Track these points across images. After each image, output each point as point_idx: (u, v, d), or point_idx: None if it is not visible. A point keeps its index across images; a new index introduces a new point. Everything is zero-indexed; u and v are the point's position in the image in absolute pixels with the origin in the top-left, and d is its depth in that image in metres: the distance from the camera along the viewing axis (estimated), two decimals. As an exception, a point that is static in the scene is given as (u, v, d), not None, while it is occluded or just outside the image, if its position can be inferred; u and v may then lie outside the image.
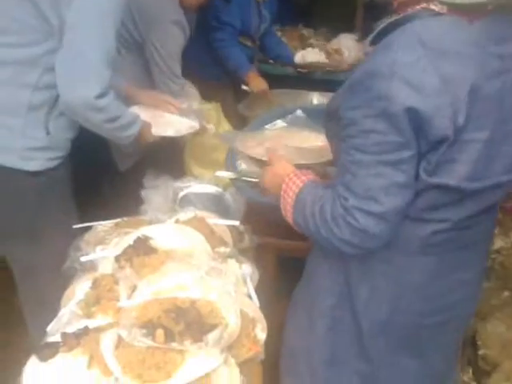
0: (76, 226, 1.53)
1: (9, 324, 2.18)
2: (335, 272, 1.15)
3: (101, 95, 1.39)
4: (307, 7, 3.97)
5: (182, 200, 1.74)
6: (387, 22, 0.97)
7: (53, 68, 1.38)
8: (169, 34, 2.04)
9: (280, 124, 1.87)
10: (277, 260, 1.77)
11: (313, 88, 2.65)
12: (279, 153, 1.36)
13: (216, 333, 1.05)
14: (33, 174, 1.50)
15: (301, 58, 2.94)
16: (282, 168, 1.20)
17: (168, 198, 1.72)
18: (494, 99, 0.92)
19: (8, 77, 1.41)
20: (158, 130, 1.84)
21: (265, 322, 1.22)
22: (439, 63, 0.88)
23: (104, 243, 1.40)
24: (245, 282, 1.34)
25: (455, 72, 0.88)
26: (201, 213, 1.54)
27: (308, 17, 3.73)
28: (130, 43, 2.08)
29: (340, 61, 2.18)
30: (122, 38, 1.98)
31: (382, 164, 0.91)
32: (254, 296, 1.30)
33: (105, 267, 1.32)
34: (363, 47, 1.04)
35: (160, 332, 1.03)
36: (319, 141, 1.64)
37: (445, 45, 0.90)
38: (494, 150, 0.95)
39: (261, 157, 1.53)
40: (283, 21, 3.24)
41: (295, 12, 3.64)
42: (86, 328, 1.13)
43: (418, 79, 0.87)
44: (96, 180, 2.06)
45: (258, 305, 1.27)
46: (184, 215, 1.51)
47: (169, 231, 1.39)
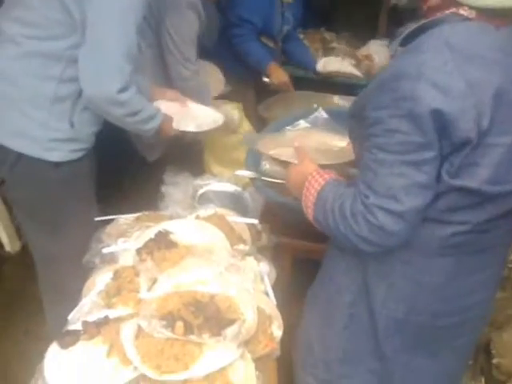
0: (98, 219, 1.55)
1: (28, 313, 2.21)
2: (353, 270, 1.16)
3: (122, 90, 1.41)
4: (329, 12, 3.98)
5: (201, 197, 1.76)
6: (416, 26, 0.98)
7: (76, 61, 1.40)
8: (183, 18, 2.01)
9: (302, 125, 1.87)
10: (293, 260, 1.77)
11: (334, 91, 2.66)
12: (306, 151, 1.37)
13: (234, 328, 1.07)
14: (56, 165, 1.53)
15: (322, 67, 2.94)
16: (306, 166, 1.22)
17: (187, 195, 1.74)
18: None
19: (34, 69, 1.44)
20: (180, 125, 1.84)
21: (281, 320, 1.23)
22: (466, 67, 0.89)
23: (125, 236, 1.42)
24: (262, 280, 1.35)
25: (481, 76, 0.90)
26: (221, 210, 1.55)
27: (330, 21, 3.73)
28: (149, 35, 2.06)
29: (370, 66, 2.19)
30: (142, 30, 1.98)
31: (405, 164, 0.92)
32: (271, 294, 1.32)
33: (125, 259, 1.34)
34: (391, 49, 1.05)
35: (180, 324, 1.05)
36: (341, 142, 1.64)
37: (472, 49, 0.91)
38: None
39: (284, 158, 1.53)
40: (306, 25, 3.24)
41: (317, 16, 3.65)
42: (107, 318, 1.15)
43: (445, 82, 0.88)
44: (119, 174, 2.09)
45: (275, 303, 1.29)
46: (204, 212, 1.53)
47: (189, 227, 1.41)
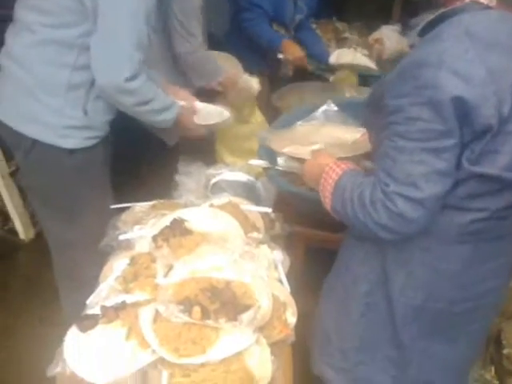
0: (113, 206, 1.57)
1: (43, 300, 2.26)
2: (372, 259, 1.17)
3: (131, 78, 1.41)
4: (342, 2, 3.96)
5: (214, 186, 1.77)
6: (435, 15, 0.98)
7: (88, 49, 1.41)
8: None
9: (313, 119, 1.87)
10: (306, 249, 1.79)
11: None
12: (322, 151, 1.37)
13: (250, 313, 1.09)
14: (70, 152, 1.55)
15: (336, 59, 2.94)
16: (323, 158, 1.23)
17: (200, 184, 1.75)
18: None
19: (49, 56, 1.45)
20: (200, 119, 1.84)
21: (295, 307, 1.25)
22: (486, 55, 0.90)
23: (141, 223, 1.44)
24: (276, 268, 1.36)
25: (501, 64, 0.90)
26: (234, 199, 1.57)
27: (342, 11, 3.72)
28: (157, 22, 2.05)
29: (381, 51, 2.20)
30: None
31: (425, 151, 0.93)
32: (285, 281, 1.33)
33: (141, 246, 1.36)
34: (409, 40, 1.06)
35: (197, 309, 1.07)
36: (354, 134, 1.65)
37: (492, 37, 0.92)
38: None
39: (300, 156, 1.53)
40: (318, 15, 3.23)
41: (330, 6, 3.63)
42: (124, 302, 1.18)
43: (466, 70, 0.89)
44: (135, 162, 2.11)
45: (289, 290, 1.31)
46: (218, 200, 1.54)
47: (204, 215, 1.43)
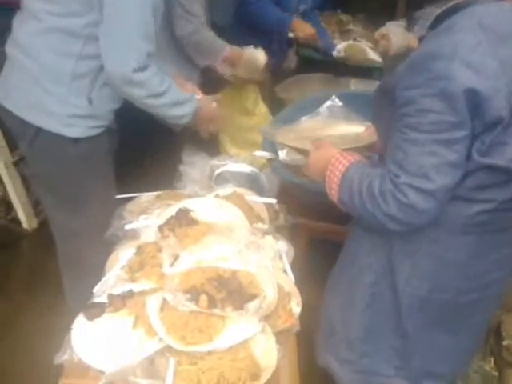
0: (119, 196, 1.58)
1: (47, 290, 2.27)
2: (378, 250, 1.18)
3: (139, 69, 1.41)
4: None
5: (218, 177, 1.77)
6: (448, 6, 0.98)
7: (95, 39, 1.41)
8: None
9: (317, 115, 1.87)
10: (309, 240, 1.80)
11: (351, 73, 2.65)
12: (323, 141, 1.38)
13: (256, 302, 1.10)
14: (74, 141, 1.55)
15: (340, 52, 2.94)
16: (327, 151, 1.23)
17: (204, 175, 1.76)
18: None
19: (54, 45, 1.45)
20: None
21: (299, 297, 1.26)
22: (498, 47, 0.91)
23: (146, 213, 1.45)
24: (281, 258, 1.38)
25: None
26: (239, 189, 1.58)
27: (347, 3, 3.70)
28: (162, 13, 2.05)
29: (387, 47, 2.23)
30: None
31: (436, 143, 0.94)
32: (290, 271, 1.34)
33: (147, 236, 1.37)
34: (417, 32, 1.06)
35: (204, 298, 1.08)
36: (357, 128, 1.65)
37: (505, 29, 0.93)
38: None
39: (303, 146, 1.53)
40: (322, 7, 3.22)
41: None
42: (131, 291, 1.19)
43: (479, 62, 0.90)
44: (138, 152, 2.11)
45: (294, 280, 1.32)
46: (223, 191, 1.55)
47: (209, 205, 1.43)
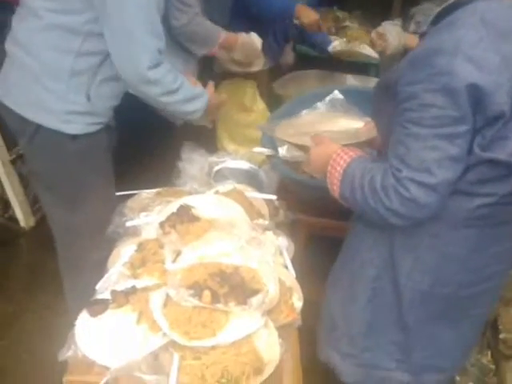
0: (119, 193, 1.58)
1: (46, 288, 2.27)
2: (379, 245, 1.19)
3: (153, 66, 1.41)
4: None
5: (217, 174, 1.78)
6: (449, 2, 0.99)
7: (94, 35, 1.41)
8: None
9: (318, 108, 1.88)
10: (309, 236, 1.81)
11: (347, 69, 2.66)
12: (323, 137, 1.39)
13: (259, 297, 1.11)
14: (73, 137, 1.54)
15: (337, 48, 2.94)
16: (328, 146, 1.24)
17: (203, 172, 1.76)
18: None
19: (54, 42, 1.44)
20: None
21: (301, 292, 1.27)
22: (500, 43, 0.92)
23: (147, 210, 1.45)
24: (281, 254, 1.39)
25: None
26: (239, 186, 1.58)
27: (343, 1, 3.69)
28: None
29: (384, 46, 2.25)
30: None
31: (438, 137, 0.95)
32: (291, 267, 1.36)
33: (148, 232, 1.37)
34: (419, 27, 1.07)
35: (207, 293, 1.09)
36: (357, 123, 1.66)
37: (506, 25, 0.94)
38: None
39: (303, 142, 1.54)
40: (319, 4, 3.22)
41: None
42: (134, 287, 1.20)
43: (481, 57, 0.91)
44: (137, 149, 2.11)
45: (295, 275, 1.33)
46: (223, 187, 1.56)
47: (210, 201, 1.44)
